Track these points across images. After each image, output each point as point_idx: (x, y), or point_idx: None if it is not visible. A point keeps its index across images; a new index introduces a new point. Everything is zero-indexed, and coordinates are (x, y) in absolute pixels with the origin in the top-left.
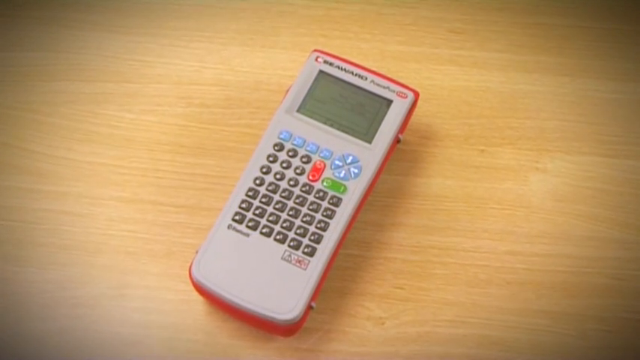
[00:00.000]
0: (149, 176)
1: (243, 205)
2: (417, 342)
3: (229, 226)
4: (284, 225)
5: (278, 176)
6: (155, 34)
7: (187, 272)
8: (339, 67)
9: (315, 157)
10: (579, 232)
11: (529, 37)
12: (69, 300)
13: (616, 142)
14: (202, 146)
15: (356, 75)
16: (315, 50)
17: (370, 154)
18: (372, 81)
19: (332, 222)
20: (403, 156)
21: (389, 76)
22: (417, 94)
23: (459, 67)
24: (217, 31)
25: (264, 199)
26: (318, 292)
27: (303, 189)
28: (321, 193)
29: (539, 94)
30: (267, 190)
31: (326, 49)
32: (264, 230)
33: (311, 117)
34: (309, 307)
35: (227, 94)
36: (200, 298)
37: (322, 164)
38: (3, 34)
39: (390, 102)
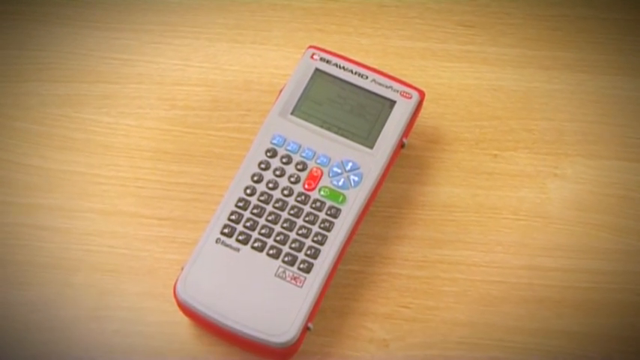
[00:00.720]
0: (129, 186)
1: (233, 217)
2: None
3: (218, 240)
4: (278, 238)
5: (271, 185)
6: (135, 29)
7: (172, 291)
8: (337, 65)
9: (311, 164)
10: (602, 244)
11: (546, 31)
12: (43, 323)
13: None
14: (187, 152)
15: (355, 73)
16: (311, 46)
17: (372, 160)
18: (374, 80)
19: (330, 235)
20: (408, 162)
21: (392, 74)
22: (422, 94)
23: (468, 63)
24: (203, 26)
25: (255, 211)
26: (315, 312)
27: (299, 199)
28: (318, 204)
29: (557, 92)
30: (258, 200)
31: (323, 46)
32: (255, 244)
33: (306, 120)
34: (306, 329)
35: (214, 95)
36: (186, 319)
37: (319, 172)
38: None
39: (393, 103)
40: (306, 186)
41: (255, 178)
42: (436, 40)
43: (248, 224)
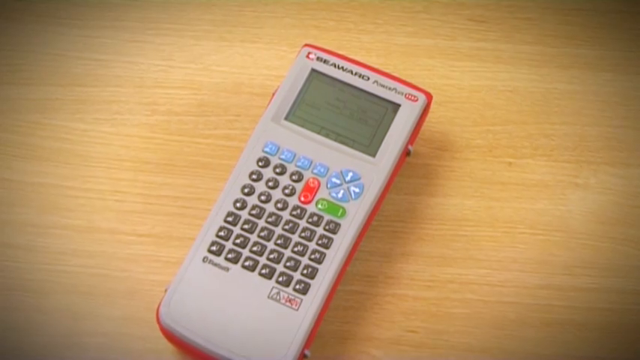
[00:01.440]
0: (107, 199)
1: (222, 234)
2: None
3: (205, 259)
4: (271, 257)
5: (263, 198)
6: (113, 26)
7: (154, 315)
8: (335, 65)
9: (307, 175)
10: (629, 260)
11: (565, 26)
12: (10, 352)
13: None
14: (171, 162)
15: (356, 74)
16: (307, 45)
17: (374, 170)
18: (376, 81)
19: (329, 252)
20: (414, 171)
21: (396, 75)
22: (429, 97)
23: (480, 62)
24: (188, 22)
25: (246, 226)
26: (312, 337)
27: (294, 213)
28: (316, 218)
29: (578, 94)
30: (250, 214)
31: (320, 44)
32: (247, 263)
33: (302, 126)
34: (303, 356)
35: (200, 98)
36: (170, 346)
37: (316, 183)
38: None
39: (397, 106)
40: (302, 198)
41: (246, 191)
42: (444, 37)
43: (238, 241)
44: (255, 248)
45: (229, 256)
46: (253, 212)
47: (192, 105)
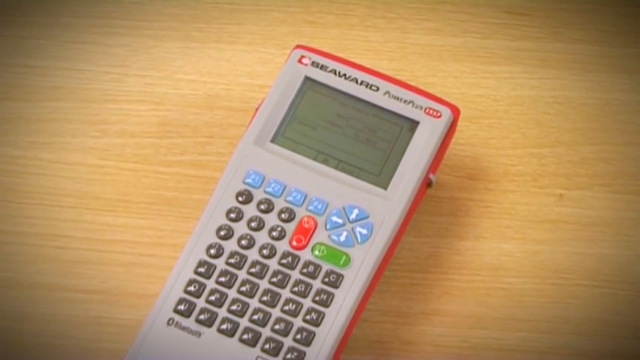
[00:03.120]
0: (46, 246)
1: (192, 289)
2: None
3: (170, 321)
4: (255, 318)
5: (244, 242)
6: (51, 24)
7: None
8: (335, 72)
9: (300, 212)
10: None
11: (629, 20)
12: None
13: None
14: (126, 198)
15: (362, 83)
16: (299, 46)
17: (386, 206)
18: (387, 92)
19: (329, 312)
20: (438, 207)
21: (413, 84)
22: (456, 112)
23: (521, 67)
24: (147, 18)
25: (223, 279)
26: None
27: (284, 261)
28: (312, 268)
29: None
30: (227, 264)
31: (315, 44)
32: (223, 327)
33: (294, 150)
34: None
35: (163, 115)
36: None
37: (312, 223)
38: None
39: (414, 124)
40: (295, 243)
41: (223, 233)
42: (475, 35)
43: (213, 298)
44: (234, 307)
45: (201, 317)
46: (232, 261)
47: (153, 124)
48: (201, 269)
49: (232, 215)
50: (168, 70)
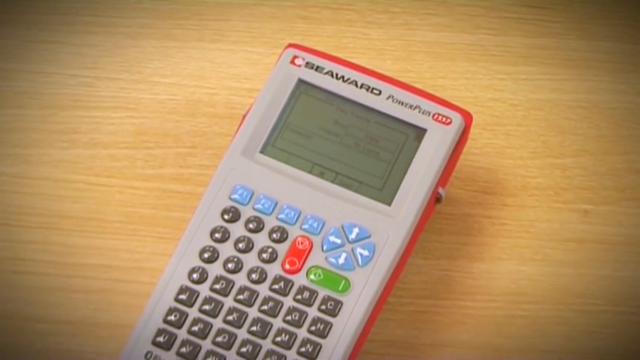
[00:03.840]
0: (7, 271)
1: (172, 318)
2: None
3: (149, 355)
4: (243, 351)
5: (231, 266)
6: (13, 22)
7: None
8: (332, 74)
9: (294, 232)
10: None
11: None
12: None
13: None
14: (98, 216)
15: (362, 87)
16: (291, 45)
17: (390, 224)
18: (391, 96)
19: (326, 343)
20: (448, 225)
21: (420, 86)
22: (468, 118)
23: (541, 67)
24: (122, 15)
25: (207, 307)
26: None
27: (276, 287)
28: (307, 294)
29: None
30: (212, 290)
31: (310, 43)
32: None
33: (286, 162)
34: None
35: (139, 123)
36: None
37: (307, 243)
38: None
39: (422, 132)
40: (287, 266)
41: (206, 256)
42: (490, 31)
43: (196, 329)
44: (219, 339)
45: (183, 350)
46: (217, 287)
47: (128, 133)
48: (183, 296)
49: (217, 235)
50: (145, 72)
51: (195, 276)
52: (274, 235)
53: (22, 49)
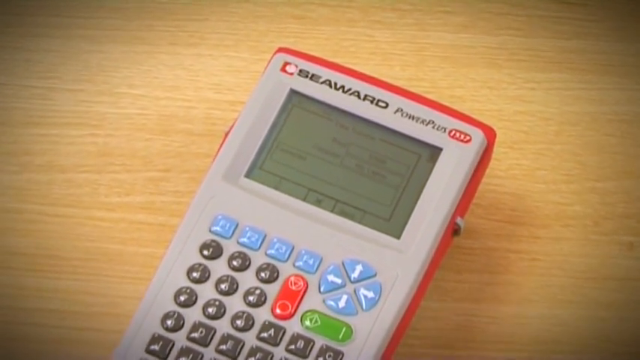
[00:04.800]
0: None
1: None
2: None
3: None
4: None
5: (211, 311)
6: None
7: None
8: (329, 84)
9: (285, 270)
10: None
11: None
12: None
13: None
14: (53, 253)
15: (366, 99)
16: (282, 50)
17: (399, 261)
18: (400, 109)
19: None
20: (468, 262)
21: (433, 98)
22: (491, 134)
23: (576, 74)
24: (83, 15)
25: None
26: None
27: (265, 335)
28: (301, 344)
29: None
30: (189, 339)
31: (304, 48)
32: None
33: (276, 187)
34: None
35: (103, 142)
36: None
37: (302, 283)
38: None
39: (436, 152)
40: (278, 311)
41: (183, 299)
42: (516, 32)
43: None
44: None
45: None
46: (195, 336)
47: (90, 154)
48: (155, 346)
49: (195, 275)
50: (110, 82)
51: (169, 323)
52: (262, 274)
53: None
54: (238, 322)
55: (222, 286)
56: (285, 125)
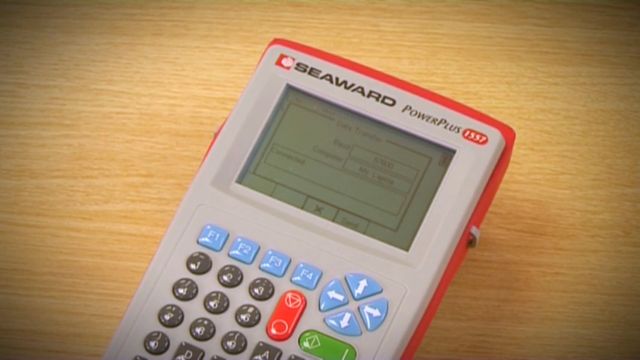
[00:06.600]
0: None
1: None
2: None
3: None
4: None
5: (199, 331)
6: None
7: None
8: (330, 79)
9: (282, 285)
10: None
11: None
12: None
13: None
14: (24, 267)
15: (370, 95)
16: (278, 41)
17: (408, 276)
18: (408, 107)
19: None
20: (485, 276)
21: (446, 95)
22: (510, 135)
23: (605, 68)
24: (54, 2)
25: None
26: None
27: (258, 358)
28: None
29: None
30: None
31: (301, 39)
32: None
33: (271, 194)
34: None
35: (79, 144)
36: None
37: (300, 300)
38: None
39: (449, 154)
40: (274, 331)
41: (167, 318)
42: (539, 21)
43: None
44: None
45: None
46: (181, 359)
47: (64, 157)
48: None
49: (181, 291)
50: (85, 77)
51: (152, 344)
52: (256, 291)
53: None
54: (229, 343)
55: (212, 303)
56: (280, 125)
